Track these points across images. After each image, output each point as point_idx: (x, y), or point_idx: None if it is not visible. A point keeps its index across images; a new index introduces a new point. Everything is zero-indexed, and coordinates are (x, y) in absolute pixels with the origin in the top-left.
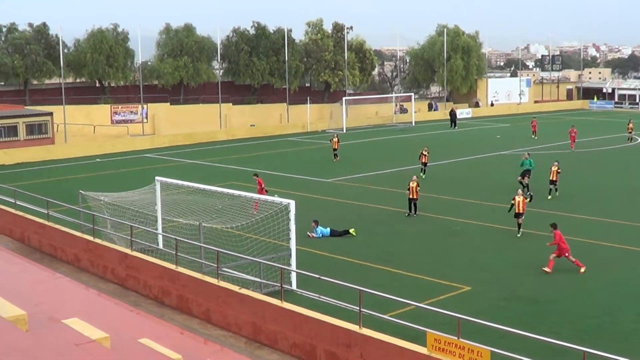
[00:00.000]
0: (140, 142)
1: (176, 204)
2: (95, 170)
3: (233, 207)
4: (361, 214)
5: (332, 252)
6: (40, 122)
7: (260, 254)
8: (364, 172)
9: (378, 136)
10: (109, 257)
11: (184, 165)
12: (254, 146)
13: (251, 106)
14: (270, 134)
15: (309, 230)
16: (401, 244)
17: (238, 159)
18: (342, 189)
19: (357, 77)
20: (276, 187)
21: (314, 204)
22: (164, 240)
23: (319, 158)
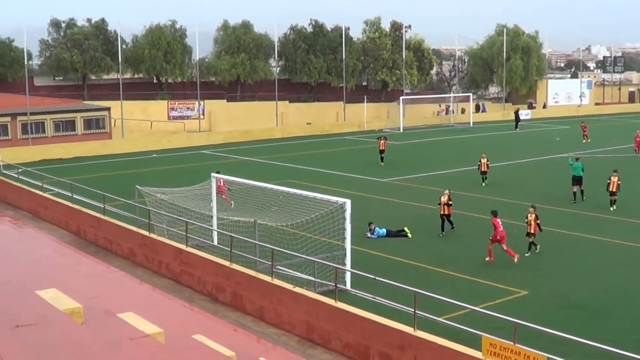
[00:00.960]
0: (197, 138)
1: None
2: (152, 165)
3: (288, 205)
4: (418, 215)
5: (387, 252)
6: (98, 117)
7: (314, 253)
8: (421, 173)
9: (435, 136)
10: (163, 252)
11: (240, 162)
12: (309, 144)
13: (308, 104)
14: (326, 133)
15: (365, 231)
16: (457, 246)
17: (294, 157)
18: (399, 189)
19: (415, 77)
20: (331, 186)
21: (369, 203)
22: (219, 237)
23: (375, 157)
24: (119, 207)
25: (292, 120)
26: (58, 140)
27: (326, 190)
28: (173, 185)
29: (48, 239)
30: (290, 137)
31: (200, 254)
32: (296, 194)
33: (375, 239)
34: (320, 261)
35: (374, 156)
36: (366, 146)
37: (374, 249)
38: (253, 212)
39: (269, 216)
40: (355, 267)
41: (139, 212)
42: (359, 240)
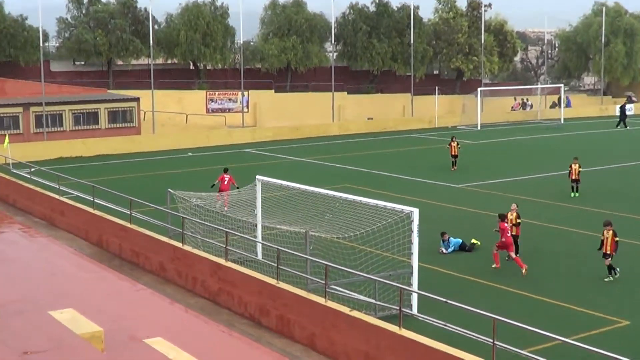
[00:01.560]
0: (239, 134)
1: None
2: (187, 165)
3: (345, 214)
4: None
5: (461, 271)
6: (125, 109)
7: (375, 271)
8: (501, 178)
9: (519, 135)
10: (199, 267)
11: (289, 163)
12: (371, 143)
13: (369, 96)
14: (390, 129)
15: (438, 245)
16: (544, 265)
17: (352, 157)
18: (475, 197)
19: (496, 64)
20: (396, 192)
21: (440, 213)
22: (264, 250)
23: (447, 159)
24: (148, 214)
25: (350, 114)
26: (78, 135)
27: (390, 197)
28: (211, 189)
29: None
30: (348, 134)
31: (241, 269)
32: (355, 201)
33: (447, 255)
34: (382, 280)
35: (445, 157)
36: (437, 146)
37: (446, 266)
38: (304, 222)
39: (323, 226)
40: (423, 288)
41: (171, 221)
42: (428, 256)
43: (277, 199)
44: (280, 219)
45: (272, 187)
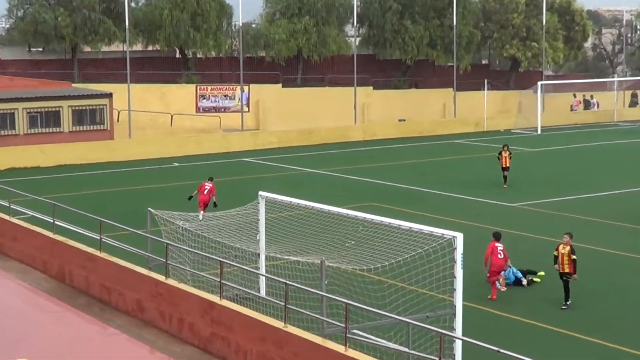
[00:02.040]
0: (238, 140)
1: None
2: (172, 179)
3: (370, 240)
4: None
5: (516, 312)
6: (94, 107)
7: (408, 311)
8: (567, 194)
9: (590, 140)
10: (187, 306)
11: (300, 175)
12: (403, 151)
13: (401, 91)
14: (427, 134)
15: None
16: (623, 306)
17: (379, 169)
18: (534, 219)
19: (560, 52)
20: (435, 213)
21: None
22: (268, 285)
23: (499, 171)
24: (123, 239)
25: (377, 114)
26: (34, 141)
27: (427, 218)
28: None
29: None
30: (374, 139)
31: (240, 309)
32: (383, 223)
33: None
34: (417, 324)
35: (497, 169)
36: (486, 154)
37: (497, 306)
38: (318, 250)
39: (343, 256)
40: (468, 334)
41: (152, 248)
42: (475, 293)
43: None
44: (288, 247)
45: (278, 206)
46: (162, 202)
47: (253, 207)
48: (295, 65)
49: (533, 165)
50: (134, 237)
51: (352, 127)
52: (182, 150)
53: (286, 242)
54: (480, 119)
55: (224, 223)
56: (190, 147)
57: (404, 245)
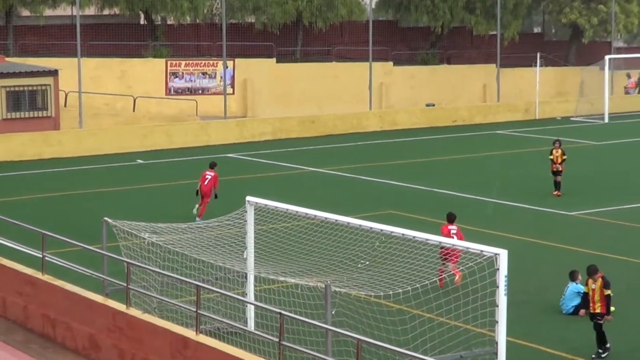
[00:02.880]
0: (220, 130)
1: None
2: (135, 180)
3: (389, 259)
4: (634, 280)
5: (577, 351)
6: (35, 88)
7: (437, 349)
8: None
9: None
10: (154, 343)
11: (300, 175)
12: (431, 144)
13: (429, 68)
14: (463, 123)
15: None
16: None
17: (402, 167)
18: (598, 231)
19: (635, 17)
20: (471, 224)
21: (543, 257)
22: (258, 316)
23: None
24: (72, 257)
25: (399, 97)
26: None
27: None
28: (174, 217)
29: None
30: (395, 130)
31: (222, 347)
32: (404, 237)
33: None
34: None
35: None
36: (538, 148)
37: (548, 341)
38: (323, 272)
39: (353, 279)
40: None
41: (109, 268)
42: (522, 326)
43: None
44: (284, 267)
45: (271, 216)
46: (122, 210)
47: (239, 217)
48: (294, 35)
49: (598, 163)
50: (86, 255)
51: (366, 113)
52: (147, 144)
53: (281, 260)
54: (531, 103)
55: (202, 237)
56: (158, 140)
57: (431, 265)
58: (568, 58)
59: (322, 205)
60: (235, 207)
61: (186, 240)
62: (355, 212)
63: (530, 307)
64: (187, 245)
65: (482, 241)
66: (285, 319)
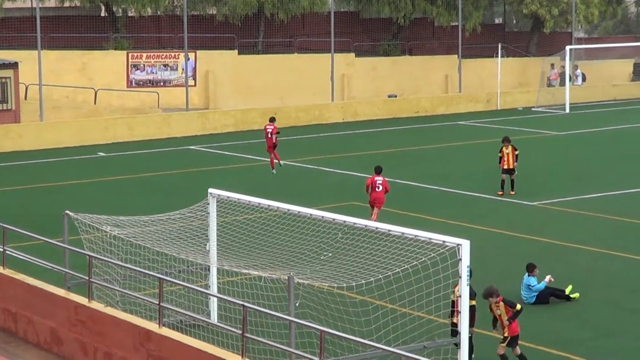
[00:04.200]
0: (182, 122)
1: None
2: (96, 173)
3: (352, 250)
4: (595, 269)
5: (538, 340)
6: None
7: (400, 340)
8: (600, 191)
9: (632, 121)
10: (116, 336)
11: (263, 167)
12: (393, 135)
13: (391, 59)
14: (425, 114)
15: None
16: None
17: (364, 158)
18: (559, 220)
19: (595, 8)
20: (433, 214)
21: (505, 246)
22: (222, 308)
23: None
24: (32, 250)
25: (361, 88)
26: None
27: (423, 221)
28: (135, 210)
29: None
30: (357, 121)
31: (185, 340)
32: (367, 228)
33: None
34: (411, 356)
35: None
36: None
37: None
38: (286, 264)
39: (317, 271)
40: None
41: (70, 261)
42: (486, 316)
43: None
44: (247, 259)
45: (234, 208)
46: (83, 203)
47: (201, 209)
48: (256, 26)
49: (559, 153)
50: (48, 249)
51: (328, 105)
52: (108, 136)
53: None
54: (493, 94)
55: (164, 229)
56: (120, 132)
57: (394, 256)
58: (529, 49)
59: (284, 197)
60: (198, 199)
61: (148, 233)
62: (318, 203)
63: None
64: (150, 238)
65: (445, 232)
66: (249, 311)
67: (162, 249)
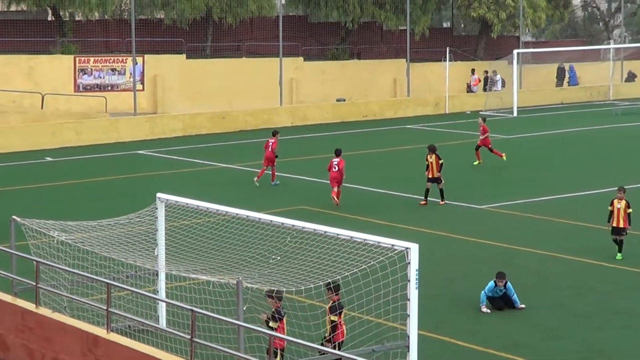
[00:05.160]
0: (131, 127)
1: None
2: (44, 178)
3: (301, 255)
4: (543, 271)
5: (488, 343)
6: None
7: (349, 344)
8: (548, 194)
9: (578, 125)
10: (64, 342)
11: (212, 172)
12: (342, 139)
13: (339, 63)
14: (373, 117)
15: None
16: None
17: (313, 162)
18: (508, 223)
19: (543, 12)
20: (382, 219)
21: (455, 250)
22: (170, 313)
23: (465, 164)
24: None
25: (309, 92)
26: None
27: (372, 225)
28: (83, 215)
29: None
30: (305, 125)
31: (133, 345)
32: (316, 232)
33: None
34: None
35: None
36: (448, 143)
37: (459, 334)
38: (235, 268)
39: (265, 275)
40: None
41: (17, 267)
42: (434, 320)
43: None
44: (195, 264)
45: (182, 212)
46: (30, 209)
47: (150, 214)
48: (204, 30)
49: (507, 156)
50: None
51: (277, 109)
52: (56, 141)
53: (193, 257)
54: (441, 98)
55: (112, 234)
56: (67, 137)
57: (343, 260)
58: (477, 53)
59: (233, 201)
60: (146, 204)
61: (96, 238)
62: (267, 208)
63: (441, 300)
64: (97, 243)
65: (393, 235)
66: (197, 316)
67: (110, 254)
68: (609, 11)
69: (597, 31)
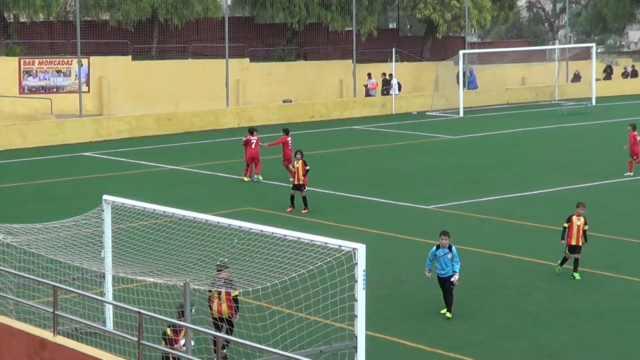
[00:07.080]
0: (76, 128)
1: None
2: None
3: (248, 256)
4: (491, 271)
5: (436, 343)
6: None
7: (297, 345)
8: (495, 194)
9: (525, 125)
10: (10, 345)
11: (158, 173)
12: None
13: (286, 64)
14: (319, 118)
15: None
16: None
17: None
18: (454, 224)
19: (488, 13)
20: (330, 219)
21: (401, 250)
22: (117, 315)
23: (412, 165)
24: None
25: (256, 94)
26: None
27: (319, 226)
28: (29, 217)
29: None
30: (252, 126)
31: (80, 348)
32: (263, 233)
33: None
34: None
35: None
36: (395, 144)
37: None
38: (182, 269)
39: (213, 276)
40: None
41: None
42: (382, 320)
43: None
44: (142, 266)
45: (129, 214)
46: None
47: (96, 216)
48: (149, 32)
49: (453, 157)
50: None
51: (223, 110)
52: (1, 143)
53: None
54: (387, 98)
55: (58, 236)
56: (12, 139)
57: (290, 261)
58: (423, 53)
59: (180, 203)
60: (92, 206)
61: (42, 241)
62: (214, 209)
63: (389, 300)
64: (43, 246)
65: (340, 236)
66: (144, 318)
67: (56, 257)
68: (554, 12)
69: (542, 32)
